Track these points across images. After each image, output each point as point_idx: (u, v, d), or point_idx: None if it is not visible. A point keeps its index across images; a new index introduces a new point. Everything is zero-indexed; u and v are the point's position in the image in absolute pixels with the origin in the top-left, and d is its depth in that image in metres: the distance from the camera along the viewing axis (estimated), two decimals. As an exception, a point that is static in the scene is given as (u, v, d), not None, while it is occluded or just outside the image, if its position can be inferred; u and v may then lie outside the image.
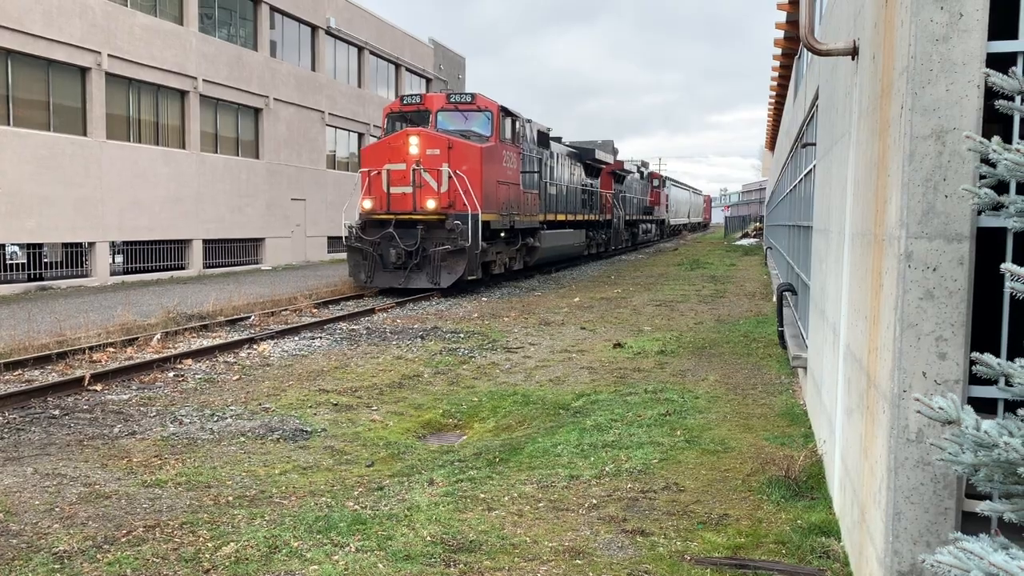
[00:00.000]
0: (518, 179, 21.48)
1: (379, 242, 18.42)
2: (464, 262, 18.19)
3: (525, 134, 22.67)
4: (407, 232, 18.32)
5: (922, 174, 3.12)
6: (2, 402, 8.17)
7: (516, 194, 21.31)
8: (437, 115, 19.74)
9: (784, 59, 16.70)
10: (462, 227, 18.13)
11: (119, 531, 4.91)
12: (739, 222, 78.96)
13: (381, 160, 18.77)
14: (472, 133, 19.63)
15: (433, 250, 18.16)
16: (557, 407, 8.17)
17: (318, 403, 8.40)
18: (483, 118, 19.94)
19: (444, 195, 18.42)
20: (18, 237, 20.25)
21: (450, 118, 19.81)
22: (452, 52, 47.16)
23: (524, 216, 22.14)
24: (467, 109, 19.91)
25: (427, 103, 20.04)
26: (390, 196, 18.68)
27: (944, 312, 3.13)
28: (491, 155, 19.42)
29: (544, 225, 24.47)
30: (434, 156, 18.47)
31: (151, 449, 6.73)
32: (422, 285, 18.32)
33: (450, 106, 19.93)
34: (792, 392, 8.62)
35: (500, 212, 20.03)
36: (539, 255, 24.10)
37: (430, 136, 18.69)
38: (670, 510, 5.19)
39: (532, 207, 22.97)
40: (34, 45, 20.10)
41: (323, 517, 5.08)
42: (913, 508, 3.20)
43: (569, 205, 27.81)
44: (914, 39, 3.11)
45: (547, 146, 25.11)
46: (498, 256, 21.02)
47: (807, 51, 6.67)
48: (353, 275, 19.04)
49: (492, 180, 19.41)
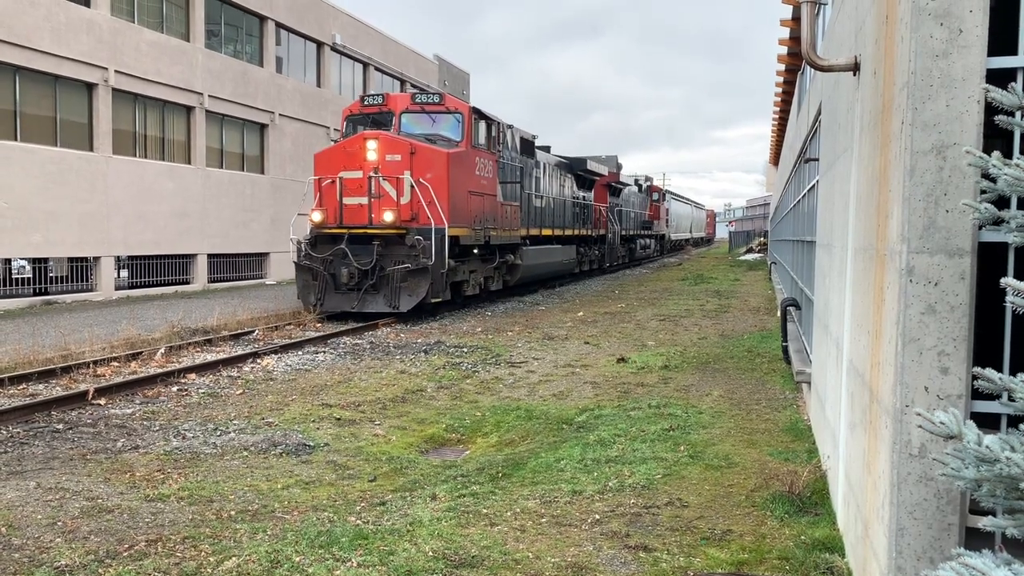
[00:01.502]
0: (494, 189, 19.44)
1: (330, 260, 16.35)
2: (427, 282, 16.11)
3: (506, 140, 20.76)
4: (362, 249, 16.21)
5: (923, 189, 3.13)
6: (6, 416, 8.17)
7: (492, 206, 19.28)
8: (401, 117, 17.68)
9: (787, 75, 16.76)
10: (424, 243, 16.06)
11: (121, 545, 4.90)
12: (743, 237, 78.98)
13: (335, 167, 16.78)
14: (439, 137, 17.56)
15: (391, 269, 16.07)
16: (560, 422, 8.15)
17: (321, 417, 8.40)
18: (452, 121, 17.84)
19: (405, 207, 16.36)
20: (24, 252, 20.34)
21: (416, 121, 17.78)
22: (456, 68, 47.41)
23: (502, 231, 20.05)
24: (435, 111, 17.86)
25: (390, 104, 17.99)
26: (343, 208, 16.59)
27: (946, 327, 3.13)
28: (461, 162, 17.40)
29: (527, 240, 22.39)
30: (394, 163, 16.39)
31: (154, 463, 6.73)
32: (378, 309, 16.21)
33: (415, 107, 17.86)
34: (796, 407, 8.60)
35: (472, 226, 18.01)
36: (521, 273, 21.95)
37: (390, 140, 16.61)
38: (673, 526, 5.17)
39: (512, 221, 20.85)
40: (42, 61, 20.25)
41: (325, 532, 5.07)
42: (916, 524, 3.19)
43: (557, 219, 25.85)
44: (914, 55, 3.13)
45: (532, 155, 23.32)
46: (471, 275, 19.02)
47: (809, 67, 6.70)
48: (302, 297, 16.91)
49: (462, 190, 17.44)
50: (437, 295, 16.64)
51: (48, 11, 20.30)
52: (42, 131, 20.68)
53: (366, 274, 16.15)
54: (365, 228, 16.34)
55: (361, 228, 16.35)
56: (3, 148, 19.24)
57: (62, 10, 20.73)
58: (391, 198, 16.30)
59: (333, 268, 16.33)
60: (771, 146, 32.26)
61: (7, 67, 19.48)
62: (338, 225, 16.55)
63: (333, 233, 16.52)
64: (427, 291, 16.12)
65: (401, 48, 39.52)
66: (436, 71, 43.67)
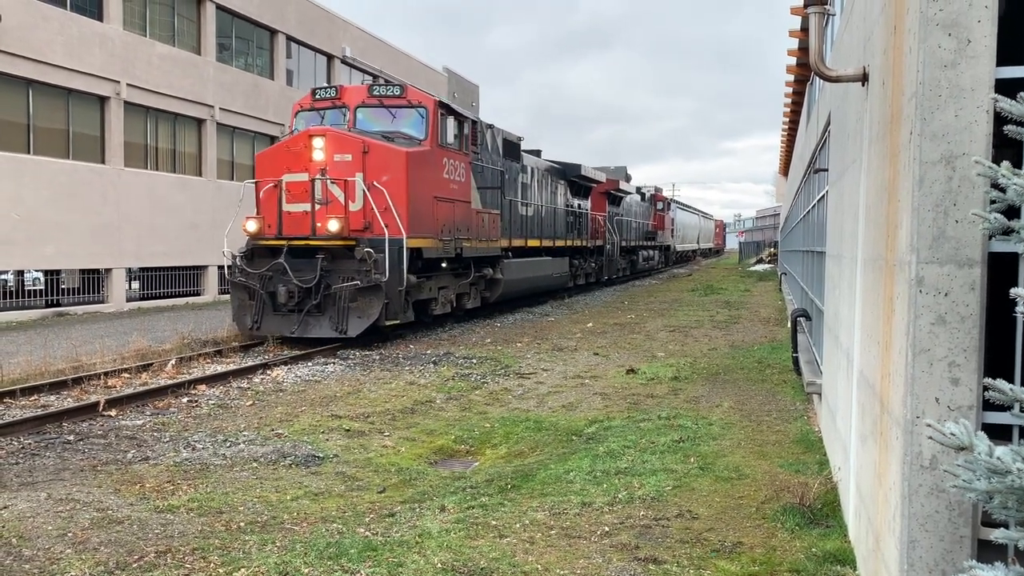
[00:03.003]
0: (468, 195, 17.45)
1: (269, 276, 14.19)
2: (379, 302, 13.90)
3: (485, 141, 18.80)
4: (305, 263, 14.07)
5: (932, 199, 3.12)
6: (17, 427, 8.22)
7: (465, 214, 17.24)
8: (356, 112, 15.74)
9: (797, 85, 16.76)
10: (377, 256, 13.95)
11: (131, 556, 4.91)
12: (753, 247, 78.80)
13: (279, 169, 14.71)
14: (400, 135, 15.54)
15: (338, 287, 13.91)
16: (570, 433, 8.13)
17: (330, 429, 8.40)
18: (415, 116, 15.76)
19: (356, 214, 14.26)
20: (36, 263, 20.47)
21: (373, 116, 15.79)
22: (466, 80, 47.58)
23: (477, 241, 17.98)
24: (395, 105, 15.79)
25: (344, 97, 15.98)
26: (282, 215, 14.53)
27: (956, 337, 3.11)
28: (423, 162, 15.32)
29: (509, 252, 20.33)
30: (344, 163, 14.35)
31: (164, 474, 6.75)
32: (322, 333, 13.97)
33: (373, 100, 15.81)
34: (807, 418, 8.55)
35: (439, 236, 15.91)
36: (503, 289, 19.85)
37: (339, 137, 14.54)
38: (683, 538, 5.14)
39: (490, 230, 18.80)
40: (55, 75, 20.44)
41: (334, 543, 5.07)
42: (928, 536, 3.16)
43: (547, 228, 23.90)
44: (922, 65, 3.13)
45: (517, 158, 21.30)
46: (441, 292, 16.85)
47: (818, 77, 6.70)
48: (237, 319, 14.70)
49: (425, 195, 15.36)
50: (394, 316, 14.43)
51: (61, 25, 20.49)
52: (55, 144, 20.85)
53: (310, 292, 13.99)
54: (307, 239, 14.24)
55: (302, 239, 14.26)
56: (16, 161, 19.40)
57: (75, 24, 20.93)
58: (340, 204, 14.28)
59: (271, 285, 14.21)
60: (781, 156, 32.23)
61: (20, 81, 19.66)
62: (277, 236, 14.52)
63: (272, 245, 14.43)
64: (380, 312, 13.92)
65: (411, 60, 39.72)
66: (445, 83, 43.84)
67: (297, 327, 14.00)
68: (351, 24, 34.23)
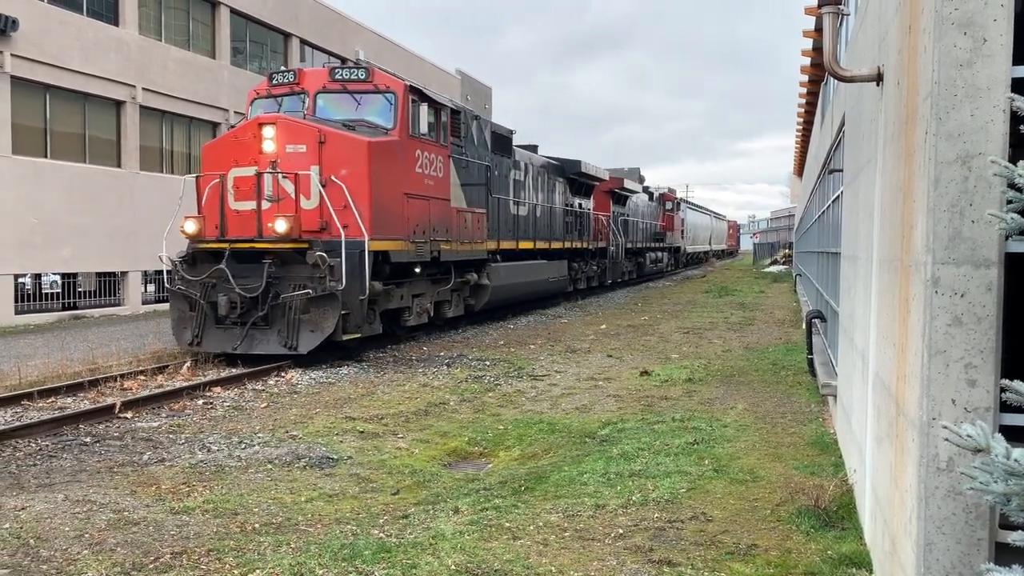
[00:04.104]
0: (447, 192, 15.67)
1: (212, 284, 12.61)
2: (335, 313, 12.16)
3: (470, 134, 17.14)
4: (250, 269, 12.44)
5: (948, 200, 3.10)
6: (35, 429, 8.29)
7: (443, 213, 15.51)
8: (316, 99, 14.06)
9: (811, 85, 16.68)
10: (333, 261, 12.23)
11: (147, 558, 4.94)
12: (768, 249, 78.42)
13: (226, 162, 13.10)
14: (364, 123, 13.77)
15: (287, 296, 12.19)
16: (583, 435, 8.12)
17: (344, 431, 8.43)
18: (382, 103, 13.99)
19: (311, 213, 12.66)
20: (53, 267, 20.65)
21: (335, 103, 14.09)
22: (478, 82, 47.64)
23: (459, 243, 16.20)
24: (359, 90, 14.06)
25: (304, 82, 14.28)
26: (226, 215, 12.94)
27: (973, 338, 3.09)
28: (390, 154, 13.60)
29: (497, 256, 18.64)
30: (297, 155, 12.77)
31: (179, 476, 6.79)
32: (269, 350, 12.25)
33: (335, 85, 14.11)
34: (822, 420, 8.51)
35: (411, 238, 14.19)
36: (490, 296, 18.16)
37: (291, 126, 12.93)
38: (697, 540, 5.12)
39: (474, 231, 17.08)
40: (72, 80, 20.61)
41: (348, 545, 5.08)
42: (945, 539, 3.14)
43: (542, 229, 22.26)
44: (938, 65, 3.10)
45: (508, 153, 19.71)
46: (416, 300, 15.16)
47: (832, 78, 6.67)
48: (176, 333, 13.00)
49: (393, 191, 13.65)
50: (355, 329, 12.74)
51: (78, 30, 20.68)
52: (71, 148, 21.03)
53: (256, 302, 12.31)
54: (252, 242, 12.60)
55: (247, 242, 12.63)
56: (34, 165, 19.59)
57: (91, 29, 21.11)
58: (292, 201, 12.64)
59: (213, 295, 12.60)
60: (795, 157, 32.09)
61: (38, 86, 19.85)
62: (219, 238, 12.94)
63: (214, 249, 12.83)
64: (336, 325, 12.21)
65: (424, 63, 39.81)
66: (459, 85, 43.91)
67: (240, 342, 12.31)
68: (364, 27, 34.35)
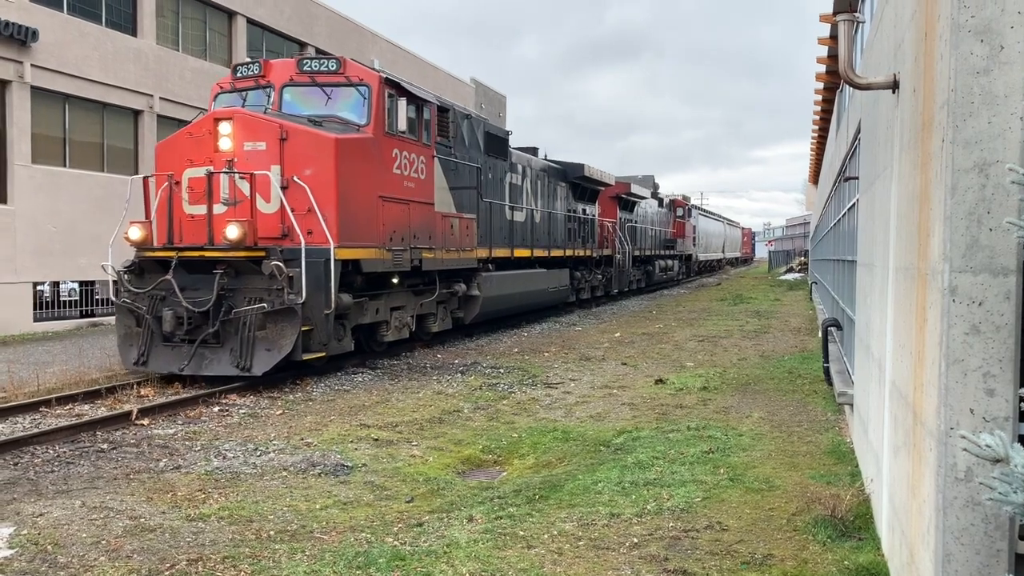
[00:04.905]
0: (430, 195, 14.47)
1: (161, 297, 11.39)
2: (294, 330, 10.92)
3: (460, 133, 16.00)
4: (201, 280, 11.26)
5: (965, 207, 3.08)
6: (53, 436, 8.36)
7: (425, 218, 14.29)
8: (283, 92, 13.02)
9: (826, 93, 16.61)
10: (292, 272, 10.98)
11: (163, 564, 4.96)
12: (783, 256, 78.04)
13: (180, 161, 11.99)
14: (334, 119, 12.68)
15: (240, 311, 10.99)
16: (598, 444, 8.10)
17: (359, 438, 8.44)
18: (355, 97, 12.85)
19: (271, 217, 11.48)
20: (71, 275, 20.84)
21: (304, 97, 13.02)
22: (493, 91, 47.76)
23: (444, 251, 14.98)
24: (330, 83, 12.93)
25: (270, 74, 13.18)
26: (173, 220, 11.78)
27: (991, 347, 3.06)
28: (362, 153, 12.41)
29: (489, 264, 17.57)
30: (256, 153, 11.60)
31: (195, 483, 6.82)
32: (221, 371, 11.02)
33: (303, 77, 13.02)
34: (838, 429, 8.45)
35: (386, 245, 13.01)
36: (481, 307, 16.96)
37: (250, 121, 11.75)
38: (713, 550, 5.09)
39: (462, 238, 15.81)
40: (90, 89, 20.83)
41: (363, 553, 5.09)
42: (964, 550, 3.11)
43: (541, 236, 21.11)
44: (954, 72, 3.09)
45: (504, 155, 18.54)
46: (395, 314, 14.01)
47: (848, 85, 6.65)
48: (121, 352, 11.76)
49: (365, 194, 12.46)
50: (319, 346, 11.56)
51: (97, 41, 20.90)
52: (90, 157, 21.24)
53: (206, 317, 11.08)
54: (201, 250, 11.35)
55: (197, 250, 11.38)
56: (53, 174, 19.79)
57: (110, 40, 21.33)
58: (249, 205, 11.47)
59: (158, 309, 11.39)
60: (810, 165, 31.94)
61: (57, 96, 20.07)
62: (167, 245, 11.76)
63: (161, 258, 11.60)
64: (295, 343, 10.97)
65: (439, 72, 39.95)
66: (473, 94, 44.04)
67: (188, 362, 11.04)
68: (380, 37, 34.53)
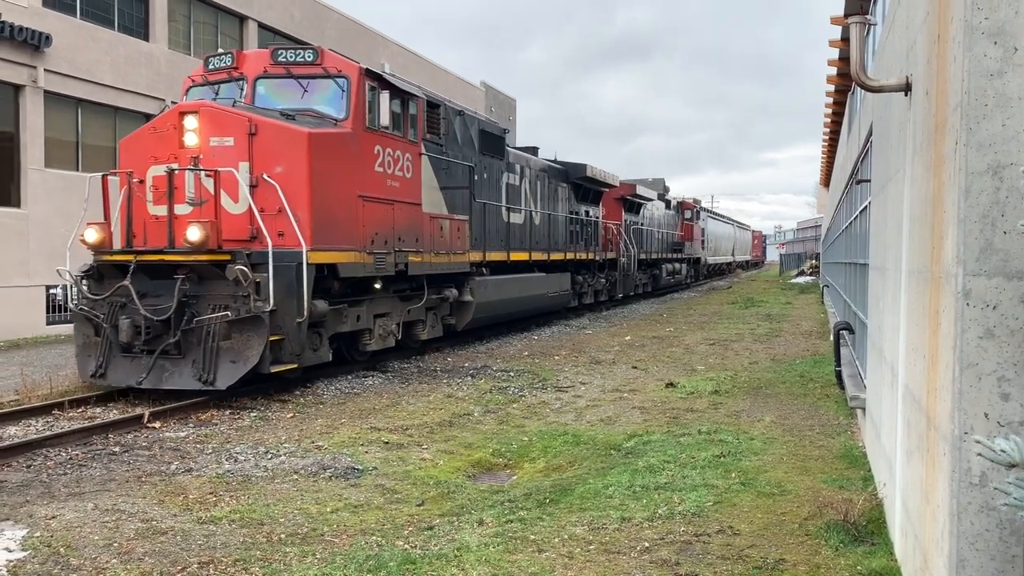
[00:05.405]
0: (416, 195, 13.71)
1: (121, 304, 10.54)
2: (261, 340, 10.11)
3: (452, 130, 15.26)
4: (163, 287, 10.42)
5: (979, 210, 3.06)
6: (66, 438, 8.41)
7: (411, 219, 13.54)
8: (256, 85, 12.22)
9: (837, 95, 16.56)
10: (259, 277, 10.23)
11: (175, 567, 4.98)
12: (794, 259, 77.77)
13: (145, 158, 11.15)
14: (309, 113, 11.94)
15: (202, 319, 10.16)
16: (608, 447, 8.08)
17: (369, 441, 8.45)
18: (333, 89, 12.09)
19: (239, 218, 10.68)
20: (84, 278, 20.95)
21: (278, 90, 12.23)
22: (503, 94, 47.81)
23: (433, 255, 14.24)
24: (306, 74, 12.17)
25: (242, 65, 12.38)
26: (132, 222, 11.05)
27: (1006, 351, 3.04)
28: (338, 149, 11.63)
29: (483, 268, 16.74)
30: (224, 149, 10.84)
31: (207, 486, 6.84)
32: (182, 384, 10.16)
33: (278, 69, 12.22)
34: (850, 433, 8.41)
35: (368, 248, 12.25)
36: (474, 313, 16.11)
37: (216, 115, 11.02)
38: (724, 554, 5.07)
39: (453, 241, 15.07)
40: (102, 94, 20.96)
41: (373, 556, 5.09)
42: (978, 555, 3.08)
43: (540, 239, 20.35)
44: (967, 74, 3.07)
45: (500, 154, 17.80)
46: (378, 321, 13.15)
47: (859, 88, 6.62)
48: (79, 363, 11.01)
49: (343, 193, 11.69)
50: (291, 357, 10.74)
51: (109, 45, 21.04)
52: (102, 161, 21.33)
53: (167, 326, 10.26)
54: (161, 253, 10.55)
55: (156, 253, 10.58)
56: (65, 178, 19.91)
57: (122, 44, 21.48)
58: (221, 205, 10.73)
59: (115, 317, 10.57)
60: (821, 167, 31.83)
61: (70, 100, 20.22)
62: (125, 248, 11.02)
63: (121, 262, 10.74)
64: (263, 354, 10.12)
65: (448, 75, 40.03)
66: (483, 97, 44.10)
67: (146, 375, 10.17)
68: (390, 40, 34.63)
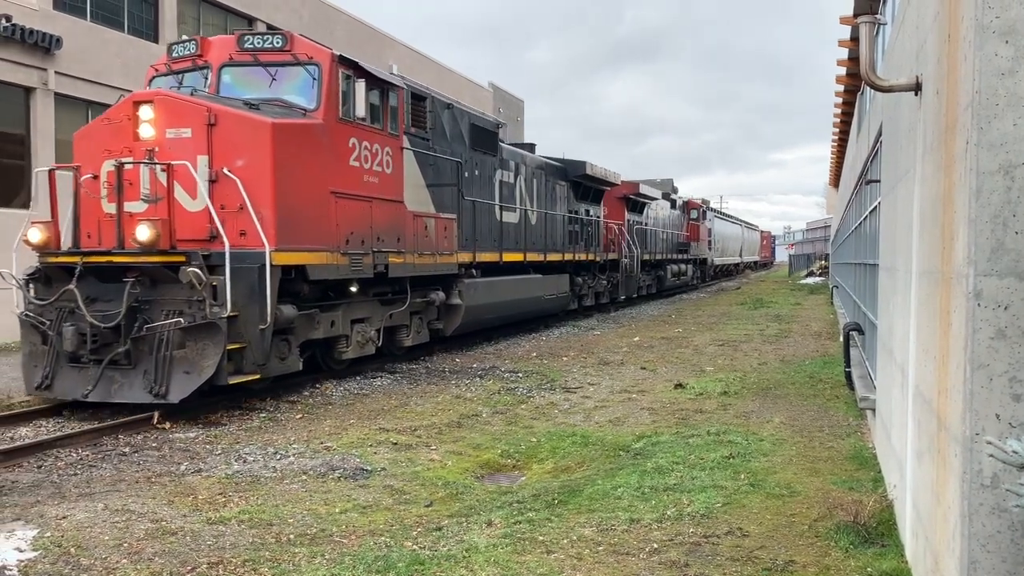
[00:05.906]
0: (398, 192, 12.95)
1: (70, 310, 9.69)
2: (217, 349, 9.35)
3: (439, 123, 14.54)
4: (114, 291, 9.57)
5: (990, 210, 3.05)
6: (76, 439, 8.45)
7: (393, 218, 12.77)
8: (221, 73, 11.38)
9: (847, 95, 16.51)
10: (216, 280, 9.48)
11: (184, 567, 4.99)
12: (804, 260, 77.50)
13: (98, 151, 10.34)
14: (277, 103, 11.12)
15: (153, 326, 9.39)
16: (617, 448, 8.07)
17: (378, 442, 8.46)
18: (303, 77, 11.29)
19: (197, 216, 9.95)
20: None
21: (245, 79, 11.38)
22: (510, 95, 47.82)
23: (417, 256, 13.44)
24: (275, 61, 11.32)
25: (207, 53, 11.53)
26: (80, 221, 10.35)
27: (1017, 352, 3.02)
28: (308, 141, 10.82)
29: (473, 270, 15.84)
30: (181, 141, 10.07)
31: (216, 486, 6.85)
32: (132, 397, 9.38)
33: (244, 56, 11.36)
34: (860, 435, 8.38)
35: (342, 249, 11.44)
36: (463, 317, 15.28)
37: (173, 104, 10.22)
38: (734, 556, 5.06)
39: (439, 241, 14.28)
40: (112, 96, 20.89)
41: (382, 557, 5.09)
42: (990, 557, 3.07)
43: (536, 239, 19.48)
44: (978, 74, 3.06)
45: (493, 150, 17.01)
46: (356, 327, 12.43)
47: (869, 87, 6.60)
48: (25, 373, 10.04)
49: (313, 189, 10.87)
50: (253, 367, 9.95)
51: (119, 48, 21.15)
52: (112, 163, 21.49)
53: (117, 333, 9.46)
54: (109, 254, 9.80)
55: (103, 254, 9.85)
56: (76, 180, 20.02)
57: (132, 47, 21.57)
58: (178, 202, 10.03)
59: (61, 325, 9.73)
60: (831, 168, 31.73)
61: (80, 102, 20.33)
62: (72, 249, 10.28)
63: (67, 264, 9.89)
64: (219, 364, 9.37)
65: (456, 76, 40.07)
66: (491, 98, 44.13)
67: (92, 387, 9.40)
68: (398, 42, 34.69)
